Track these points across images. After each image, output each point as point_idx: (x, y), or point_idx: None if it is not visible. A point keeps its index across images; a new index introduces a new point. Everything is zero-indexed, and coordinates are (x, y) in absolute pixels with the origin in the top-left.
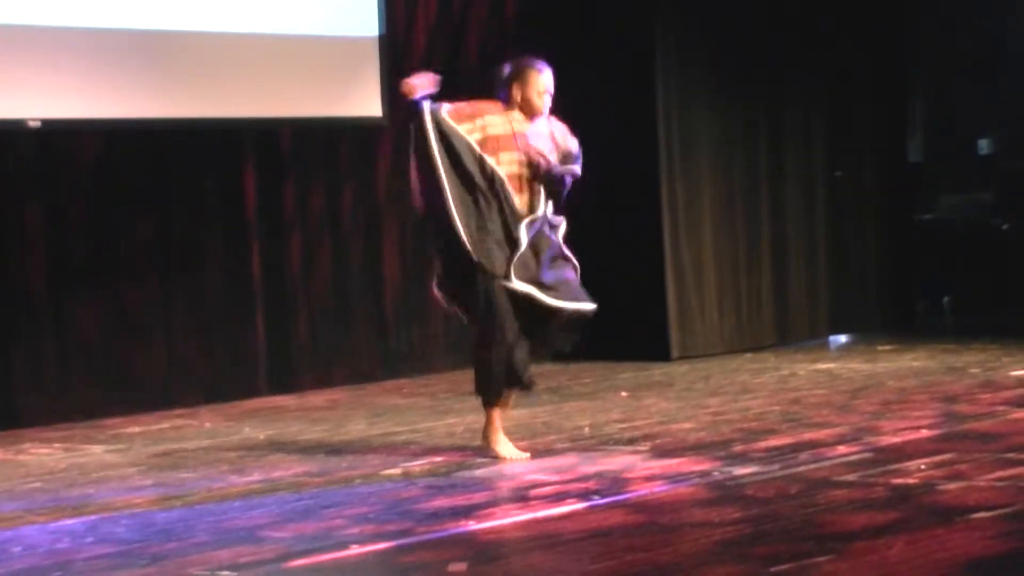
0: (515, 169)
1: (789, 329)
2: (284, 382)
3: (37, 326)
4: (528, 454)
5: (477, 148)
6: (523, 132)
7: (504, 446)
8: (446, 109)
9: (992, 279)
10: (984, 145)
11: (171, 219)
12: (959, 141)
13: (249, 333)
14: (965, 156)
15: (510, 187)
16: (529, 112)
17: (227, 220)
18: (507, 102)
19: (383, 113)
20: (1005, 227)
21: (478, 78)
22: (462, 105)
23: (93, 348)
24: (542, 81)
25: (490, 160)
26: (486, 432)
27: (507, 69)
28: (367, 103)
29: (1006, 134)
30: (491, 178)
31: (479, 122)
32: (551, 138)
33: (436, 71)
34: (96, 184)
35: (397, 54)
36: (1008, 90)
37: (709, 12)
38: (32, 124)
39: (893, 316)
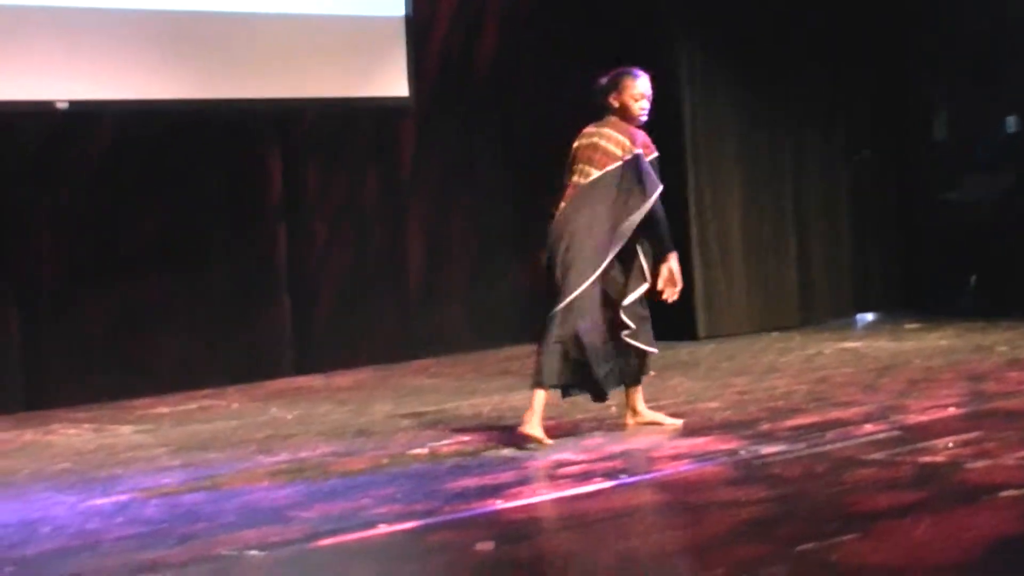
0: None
1: (815, 309)
2: (310, 363)
3: (65, 307)
4: (551, 442)
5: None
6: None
7: (532, 427)
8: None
9: (1018, 258)
10: (1011, 123)
11: (196, 200)
12: (985, 120)
13: (275, 314)
14: (991, 135)
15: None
16: (628, 118)
17: (252, 202)
18: (605, 113)
19: (409, 93)
20: None
21: (499, 59)
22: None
23: (121, 329)
24: (638, 86)
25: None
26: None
27: (603, 81)
28: (393, 83)
29: None
30: None
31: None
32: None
33: None
34: (119, 165)
35: (422, 35)
36: None
37: None
38: (60, 105)
39: (919, 295)
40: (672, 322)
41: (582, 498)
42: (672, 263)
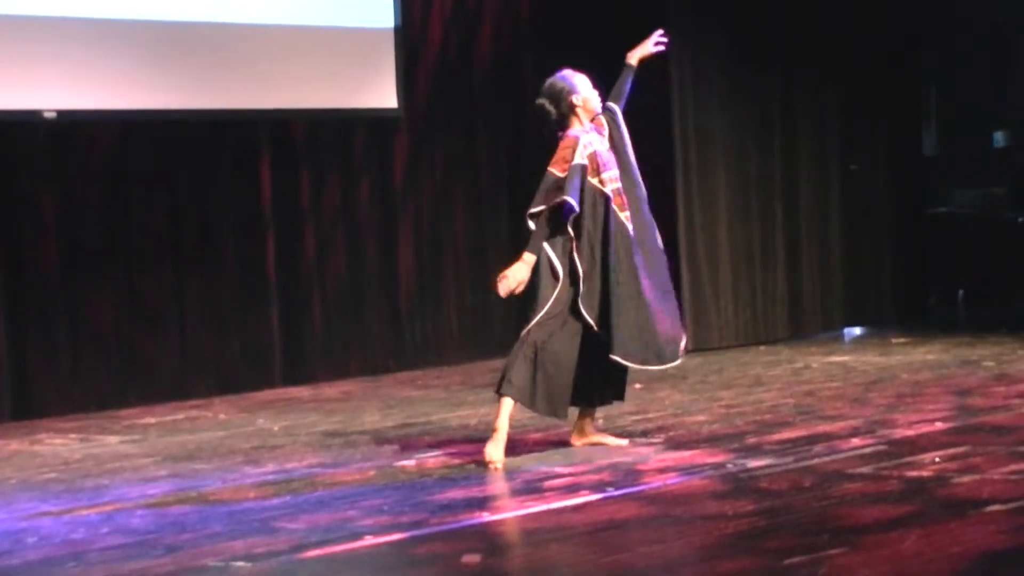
0: (617, 185)
1: (803, 322)
2: (298, 373)
3: (52, 317)
4: (501, 464)
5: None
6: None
7: (493, 446)
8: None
9: (1006, 272)
10: (999, 138)
11: (186, 210)
12: (974, 134)
13: (263, 324)
14: (979, 149)
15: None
16: (592, 113)
17: (242, 211)
18: (570, 121)
19: (398, 105)
20: (1019, 219)
21: (491, 71)
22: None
23: (108, 339)
24: (588, 80)
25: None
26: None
27: (557, 88)
28: (382, 95)
29: (1021, 127)
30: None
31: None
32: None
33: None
34: (111, 175)
35: (412, 46)
36: (1022, 83)
37: (723, 6)
38: (48, 115)
39: (907, 309)
40: None
41: (569, 511)
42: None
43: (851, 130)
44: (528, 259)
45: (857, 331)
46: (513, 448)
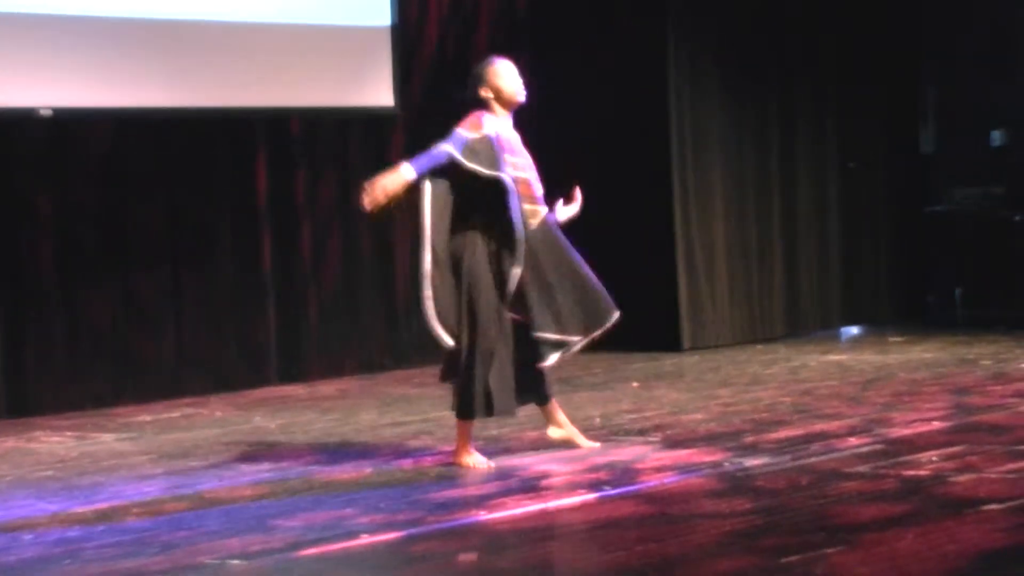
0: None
1: (800, 320)
2: (294, 371)
3: (48, 314)
4: (493, 464)
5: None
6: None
7: (469, 456)
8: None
9: (1004, 271)
10: (997, 137)
11: (182, 208)
12: (972, 133)
13: (259, 322)
14: (978, 148)
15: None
16: (509, 104)
17: (238, 209)
18: (486, 107)
19: (395, 103)
20: (1017, 218)
21: None
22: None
23: (104, 337)
24: (512, 69)
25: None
26: (456, 445)
27: (474, 73)
28: (379, 93)
29: (1019, 125)
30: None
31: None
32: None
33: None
34: (107, 173)
35: (409, 44)
36: (1021, 81)
37: (722, 5)
38: (43, 113)
39: (904, 308)
40: (657, 333)
41: (566, 510)
42: None
43: (849, 129)
44: (406, 172)
45: (854, 330)
46: (510, 447)
